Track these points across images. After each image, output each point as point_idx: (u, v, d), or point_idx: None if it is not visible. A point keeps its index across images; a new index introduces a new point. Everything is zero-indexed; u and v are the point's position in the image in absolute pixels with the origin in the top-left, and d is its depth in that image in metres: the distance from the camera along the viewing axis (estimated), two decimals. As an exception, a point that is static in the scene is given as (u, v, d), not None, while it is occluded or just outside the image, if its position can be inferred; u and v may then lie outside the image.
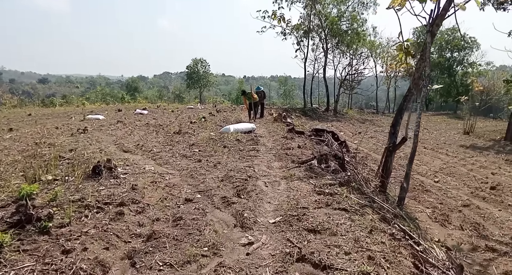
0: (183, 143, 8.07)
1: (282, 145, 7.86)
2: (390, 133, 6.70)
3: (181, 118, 15.68)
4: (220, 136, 8.92)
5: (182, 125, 12.15)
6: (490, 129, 28.73)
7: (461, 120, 34.34)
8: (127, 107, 26.60)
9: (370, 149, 13.74)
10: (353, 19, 27.82)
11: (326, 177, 5.08)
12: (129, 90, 57.45)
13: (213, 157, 6.53)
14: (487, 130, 27.77)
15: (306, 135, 9.41)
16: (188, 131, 9.77)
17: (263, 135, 9.26)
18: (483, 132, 26.56)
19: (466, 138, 22.10)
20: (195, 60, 47.17)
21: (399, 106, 6.81)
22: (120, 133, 10.18)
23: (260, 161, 6.24)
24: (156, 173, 5.49)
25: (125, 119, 15.76)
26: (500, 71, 36.45)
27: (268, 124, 11.88)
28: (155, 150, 7.31)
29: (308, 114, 26.27)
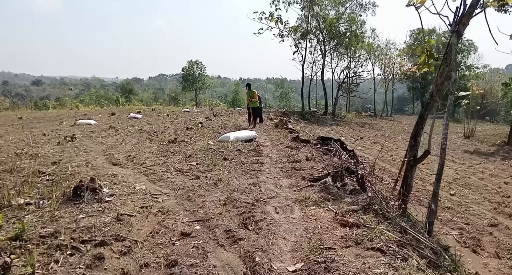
0: (179, 154, 7.29)
1: (288, 156, 7.12)
2: (410, 146, 5.99)
3: (176, 124, 14.89)
4: (219, 146, 8.15)
5: (178, 131, 11.37)
6: (489, 133, 28.28)
7: (459, 123, 33.91)
8: (121, 110, 25.77)
9: (375, 156, 13.04)
10: (352, 21, 27.24)
11: (345, 200, 4.35)
12: (124, 93, 56.43)
13: (213, 172, 5.76)
14: (487, 134, 27.31)
15: (311, 144, 8.69)
16: (184, 139, 8.99)
17: (265, 144, 8.51)
18: (483, 136, 26.08)
19: (468, 143, 21.57)
20: (191, 62, 46.33)
21: (420, 115, 6.10)
22: (111, 142, 9.38)
23: (266, 177, 5.49)
24: (147, 194, 4.71)
25: (118, 124, 14.95)
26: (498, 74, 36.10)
27: (269, 131, 11.14)
28: (148, 163, 6.53)
29: (306, 118, 25.59)
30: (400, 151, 13.80)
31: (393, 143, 17.98)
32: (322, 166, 6.19)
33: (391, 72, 35.81)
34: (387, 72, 35.25)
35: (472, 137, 24.62)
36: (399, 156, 12.75)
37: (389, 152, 13.76)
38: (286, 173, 5.70)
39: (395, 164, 11.62)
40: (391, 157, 12.62)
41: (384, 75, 35.67)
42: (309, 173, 5.62)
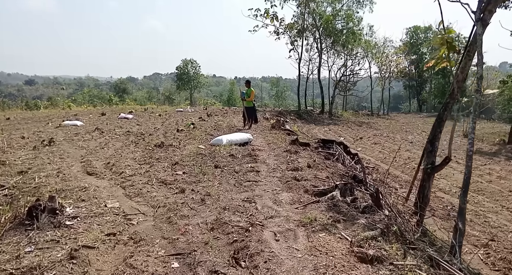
0: (165, 161, 6.44)
1: (287, 162, 6.31)
2: (428, 151, 5.20)
3: (167, 124, 14.02)
4: (210, 150, 7.32)
5: (168, 134, 10.51)
6: (487, 131, 27.69)
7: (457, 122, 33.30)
8: (113, 110, 24.87)
9: (376, 157, 12.30)
10: (348, 18, 26.45)
11: (359, 221, 3.55)
12: (117, 92, 55.28)
13: (201, 184, 4.93)
14: (485, 133, 26.71)
15: (312, 147, 7.89)
16: (173, 143, 8.13)
17: (261, 148, 7.69)
18: (481, 135, 25.46)
19: (468, 142, 20.91)
20: (185, 61, 45.24)
21: (438, 117, 5.31)
22: (92, 146, 8.51)
23: (263, 190, 4.67)
24: (120, 214, 3.88)
25: (106, 125, 14.08)
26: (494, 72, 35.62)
27: (266, 133, 10.31)
28: (128, 172, 5.68)
29: (303, 117, 24.80)
30: (403, 152, 13.07)
31: (393, 143, 17.25)
32: (327, 175, 5.38)
33: (388, 70, 35.12)
34: (383, 70, 34.55)
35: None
36: (402, 158, 12.02)
37: (391, 154, 13.01)
38: (286, 184, 4.88)
39: (399, 166, 10.87)
40: (394, 159, 11.86)
41: (380, 73, 34.96)
42: (312, 184, 4.81)
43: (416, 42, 40.66)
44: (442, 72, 37.80)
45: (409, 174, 9.87)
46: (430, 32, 40.23)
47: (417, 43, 40.69)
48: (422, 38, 40.75)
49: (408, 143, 18.13)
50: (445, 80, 37.37)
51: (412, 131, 24.84)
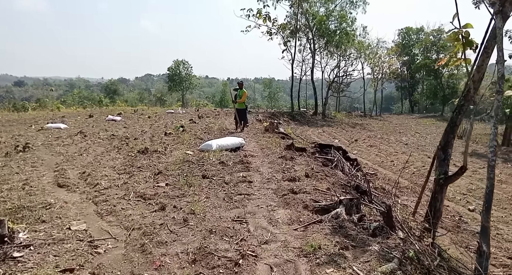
0: (147, 170, 5.77)
1: (283, 170, 5.69)
2: (440, 160, 4.62)
3: (156, 127, 13.30)
4: (199, 157, 6.66)
5: (154, 137, 9.82)
6: (480, 132, 27.50)
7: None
8: (103, 112, 24.04)
9: (374, 161, 11.75)
10: (342, 18, 25.99)
11: (371, 248, 2.94)
12: (108, 93, 54.16)
13: (185, 199, 4.28)
14: (478, 134, 26.50)
15: (308, 152, 7.28)
16: (159, 148, 7.45)
17: (254, 154, 7.06)
18: (474, 136, 25.22)
19: (463, 144, 20.58)
20: (177, 62, 44.33)
21: (450, 121, 4.73)
22: (71, 152, 7.78)
23: (257, 206, 4.04)
24: (85, 239, 3.21)
25: (92, 128, 13.36)
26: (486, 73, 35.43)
27: (259, 136, 9.68)
28: (104, 184, 5.00)
29: (296, 119, 24.25)
30: (400, 156, 12.56)
31: (388, 145, 16.78)
32: (327, 186, 4.77)
33: (380, 72, 34.81)
34: (376, 71, 34.21)
35: (464, 137, 23.74)
36: (400, 161, 11.49)
37: (388, 157, 12.49)
38: (283, 198, 4.26)
39: (398, 171, 10.33)
40: (392, 163, 11.34)
41: (373, 74, 34.63)
42: (312, 198, 4.20)
43: (408, 43, 40.48)
44: (434, 74, 37.68)
45: (409, 179, 9.34)
46: (422, 34, 40.11)
47: (409, 44, 40.51)
48: (414, 40, 40.59)
49: (403, 145, 17.70)
50: (437, 82, 37.25)
51: (405, 133, 24.48)
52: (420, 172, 10.03)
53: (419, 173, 9.86)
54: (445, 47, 35.35)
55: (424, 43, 38.35)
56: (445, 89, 36.67)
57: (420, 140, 20.79)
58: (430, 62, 37.11)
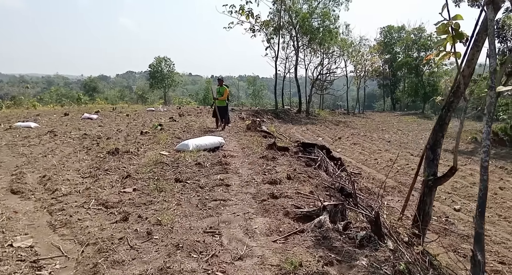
0: (115, 173, 5.27)
1: (263, 172, 5.30)
2: (428, 160, 4.34)
3: (133, 126, 12.68)
4: (174, 158, 6.19)
5: (129, 137, 9.25)
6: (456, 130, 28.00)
7: (429, 120, 33.64)
8: (81, 110, 23.09)
9: (357, 159, 11.55)
10: (325, 16, 25.82)
11: (359, 262, 2.59)
12: (87, 91, 52.50)
13: (153, 206, 3.82)
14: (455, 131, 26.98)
15: (291, 152, 6.93)
16: (131, 149, 6.92)
17: (234, 154, 6.64)
18: (454, 133, 25.53)
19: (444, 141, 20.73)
20: (159, 59, 43.26)
21: (439, 119, 4.45)
22: (36, 153, 7.15)
23: (233, 214, 3.63)
24: (28, 259, 2.73)
25: (65, 127, 12.64)
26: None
27: (240, 135, 9.26)
28: (64, 190, 4.48)
29: (280, 117, 23.95)
30: (384, 154, 12.40)
31: (371, 143, 16.69)
32: (310, 189, 4.41)
33: (363, 69, 34.96)
34: (359, 69, 34.34)
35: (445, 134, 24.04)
36: (384, 159, 11.32)
37: (371, 154, 12.31)
38: (262, 204, 3.86)
39: (382, 169, 10.14)
40: (375, 161, 11.15)
41: (356, 72, 34.75)
42: (294, 203, 3.82)
43: (390, 42, 40.87)
44: (415, 71, 38.18)
45: (394, 178, 9.13)
46: (403, 32, 40.54)
47: (391, 42, 40.91)
48: (395, 38, 41.00)
49: (386, 142, 17.66)
50: (418, 79, 37.75)
51: (388, 130, 24.59)
52: (404, 170, 9.86)
53: (403, 171, 9.68)
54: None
55: (405, 42, 38.76)
56: (425, 87, 37.20)
57: (402, 137, 20.86)
58: (411, 60, 37.57)
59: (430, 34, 36.29)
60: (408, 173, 9.53)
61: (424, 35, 37.08)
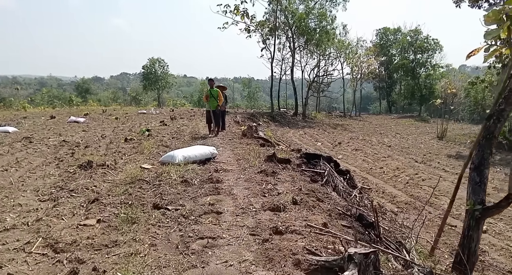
0: (81, 195, 4.26)
1: (263, 192, 4.33)
2: (473, 184, 3.40)
3: (119, 131, 11.65)
4: (157, 173, 5.20)
5: (112, 145, 8.23)
6: (458, 133, 27.29)
7: (427, 123, 32.95)
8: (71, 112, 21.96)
9: (361, 168, 10.62)
10: (322, 16, 24.97)
11: None
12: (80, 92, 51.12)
13: (117, 250, 2.82)
14: (457, 134, 26.25)
15: (293, 164, 5.97)
16: (108, 161, 5.90)
17: (228, 168, 5.66)
18: (454, 136, 24.91)
19: (445, 145, 20.00)
20: (152, 60, 42.05)
21: (486, 131, 3.50)
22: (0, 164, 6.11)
23: (224, 264, 2.64)
24: None
25: (46, 132, 11.60)
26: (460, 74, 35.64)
27: (235, 143, 8.28)
28: (9, 220, 3.46)
29: (276, 120, 23.01)
30: (390, 162, 11.48)
31: (371, 148, 15.82)
32: (323, 220, 3.45)
33: (359, 72, 34.20)
34: (355, 71, 33.56)
35: (444, 138, 23.32)
36: (390, 168, 10.41)
37: (376, 162, 11.40)
38: (263, 246, 2.89)
39: (390, 179, 9.22)
40: (381, 170, 10.23)
41: (352, 74, 33.96)
42: (306, 245, 2.85)
43: (386, 44, 40.23)
44: (411, 74, 37.53)
45: (404, 191, 8.20)
46: (399, 34, 39.93)
47: (387, 44, 40.27)
48: (391, 40, 40.37)
49: (387, 147, 16.82)
50: (415, 82, 37.12)
51: (386, 134, 23.80)
52: (414, 181, 8.95)
53: (413, 183, 8.76)
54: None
55: (402, 44, 38.13)
56: (422, 90, 36.56)
57: (402, 141, 20.04)
58: (408, 62, 36.92)
59: (426, 36, 35.69)
60: (419, 184, 8.62)
61: (420, 37, 36.46)
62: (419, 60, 36.36)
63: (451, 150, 17.77)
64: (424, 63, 36.30)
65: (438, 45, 35.06)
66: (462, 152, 17.40)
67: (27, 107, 26.64)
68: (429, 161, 13.37)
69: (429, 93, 35.76)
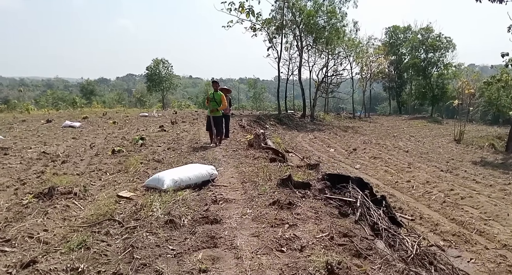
0: (19, 249, 2.94)
1: (279, 243, 2.97)
2: None
3: (112, 138, 10.38)
4: (136, 206, 3.86)
5: (95, 158, 6.93)
6: (474, 135, 25.63)
7: (440, 124, 31.24)
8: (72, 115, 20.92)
9: (385, 180, 9.18)
10: (331, 13, 23.49)
11: None
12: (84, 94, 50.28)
13: None
14: (473, 136, 24.60)
15: (314, 189, 4.60)
16: (76, 188, 4.56)
17: (230, 197, 4.31)
18: (470, 139, 23.28)
19: (465, 149, 18.41)
20: (156, 61, 40.88)
21: None
22: None
23: None
24: None
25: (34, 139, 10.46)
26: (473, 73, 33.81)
27: (239, 156, 6.91)
28: None
29: (284, 122, 21.62)
30: (416, 173, 9.99)
31: (389, 153, 14.36)
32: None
33: (369, 71, 32.62)
34: (365, 71, 31.99)
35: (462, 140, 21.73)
36: (418, 181, 8.95)
37: (400, 173, 9.94)
38: None
39: (421, 197, 7.77)
40: (408, 183, 8.78)
41: (361, 74, 32.39)
42: None
43: (395, 43, 38.55)
44: (423, 73, 35.82)
45: (442, 213, 6.72)
46: (409, 32, 38.23)
47: (396, 43, 38.59)
48: (401, 39, 38.68)
49: (404, 153, 15.34)
50: (426, 82, 35.41)
51: (400, 137, 22.26)
52: (451, 199, 7.48)
53: (450, 202, 7.30)
54: (435, 46, 33.43)
55: (412, 42, 36.43)
56: (434, 90, 34.85)
57: (419, 146, 18.50)
58: (419, 61, 35.22)
59: (438, 34, 33.97)
60: (458, 204, 7.17)
61: (432, 35, 34.74)
62: (431, 59, 34.63)
63: (473, 155, 16.21)
64: (436, 62, 34.56)
65: (451, 43, 33.32)
66: (486, 158, 15.83)
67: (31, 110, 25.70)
68: (455, 169, 11.86)
69: (441, 94, 34.04)
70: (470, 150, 18.37)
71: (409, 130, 26.25)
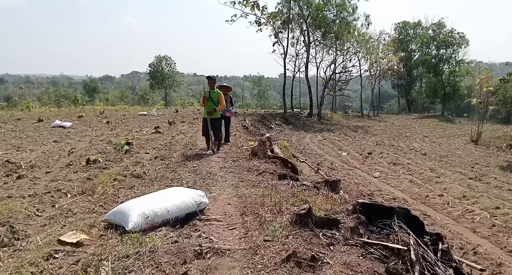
0: None
1: None
2: None
3: (98, 141, 9.03)
4: (77, 263, 2.49)
5: (66, 170, 5.57)
6: (491, 135, 23.96)
7: (452, 123, 29.55)
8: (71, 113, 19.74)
9: (412, 195, 7.70)
10: (341, 6, 21.89)
11: None
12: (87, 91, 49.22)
13: None
14: (490, 137, 22.94)
15: (345, 228, 3.21)
16: (5, 225, 3.20)
17: (223, 247, 2.91)
18: (488, 139, 21.64)
19: (486, 151, 16.84)
20: (159, 58, 39.48)
21: None
22: None
23: None
24: None
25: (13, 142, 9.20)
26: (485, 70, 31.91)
27: (240, 170, 5.50)
28: None
29: (290, 122, 20.17)
30: (449, 185, 8.47)
31: (405, 157, 12.89)
32: None
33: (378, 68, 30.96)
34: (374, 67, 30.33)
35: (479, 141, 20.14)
36: (453, 195, 7.47)
37: (428, 184, 8.46)
38: None
39: (462, 217, 6.30)
40: (440, 198, 7.30)
41: (370, 71, 30.73)
42: None
43: (405, 39, 36.75)
44: (434, 70, 34.04)
45: (497, 242, 5.27)
46: (419, 28, 36.41)
47: (406, 39, 36.79)
48: (411, 35, 36.87)
49: (421, 155, 13.84)
50: (437, 79, 33.64)
51: (413, 137, 20.71)
52: (500, 220, 6.00)
53: (501, 225, 5.82)
54: (447, 41, 31.64)
55: (423, 38, 34.63)
56: (445, 87, 33.07)
57: (435, 147, 16.96)
58: (430, 58, 33.45)
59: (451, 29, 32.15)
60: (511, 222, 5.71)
61: (444, 31, 32.92)
62: (443, 56, 32.83)
63: (497, 159, 14.65)
64: (448, 59, 32.76)
65: (464, 39, 31.49)
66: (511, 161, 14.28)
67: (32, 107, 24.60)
68: (483, 176, 10.35)
69: (453, 92, 32.27)
70: (492, 152, 16.81)
71: (422, 130, 24.67)
